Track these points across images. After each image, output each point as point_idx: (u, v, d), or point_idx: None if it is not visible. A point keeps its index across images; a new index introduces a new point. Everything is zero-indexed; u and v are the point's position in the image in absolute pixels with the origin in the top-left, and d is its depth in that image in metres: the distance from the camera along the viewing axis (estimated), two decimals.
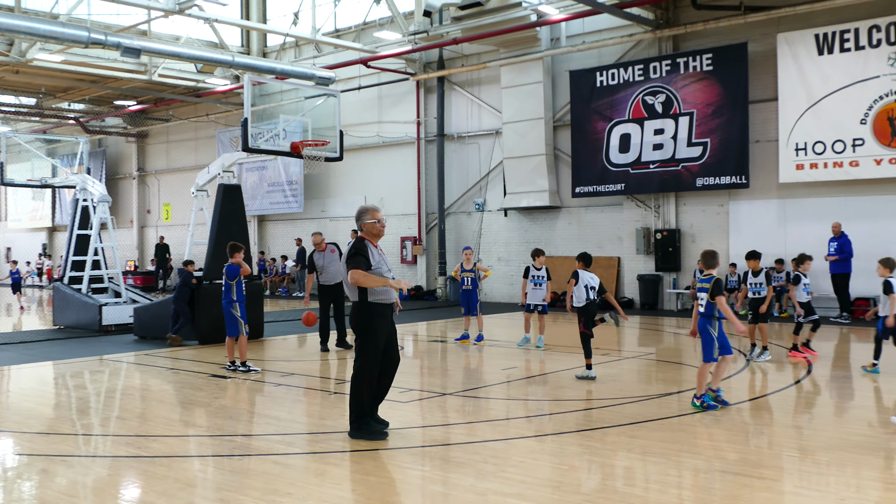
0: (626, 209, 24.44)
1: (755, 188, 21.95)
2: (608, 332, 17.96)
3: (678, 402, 10.21)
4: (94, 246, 20.74)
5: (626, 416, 9.30)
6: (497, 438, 8.39)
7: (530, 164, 25.58)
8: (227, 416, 9.78)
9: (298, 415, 9.92)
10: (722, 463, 7.35)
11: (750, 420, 9.17)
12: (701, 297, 9.70)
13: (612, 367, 13.04)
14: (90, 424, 9.59)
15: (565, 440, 8.31)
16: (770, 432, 8.61)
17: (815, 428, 8.76)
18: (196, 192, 19.22)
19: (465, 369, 13.70)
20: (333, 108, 18.99)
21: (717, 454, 7.67)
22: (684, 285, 23.19)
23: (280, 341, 17.32)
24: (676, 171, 22.80)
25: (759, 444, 8.12)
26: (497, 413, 9.89)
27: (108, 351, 15.91)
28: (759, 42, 21.90)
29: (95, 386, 12.46)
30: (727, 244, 22.52)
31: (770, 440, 8.27)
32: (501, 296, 27.11)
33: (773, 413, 9.55)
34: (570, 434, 8.57)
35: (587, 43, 24.55)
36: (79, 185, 21.64)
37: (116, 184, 41.89)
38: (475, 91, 27.85)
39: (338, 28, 31.13)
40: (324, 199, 32.51)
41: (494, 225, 27.48)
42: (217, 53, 25.90)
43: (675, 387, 11.42)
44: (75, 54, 27.32)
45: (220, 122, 36.04)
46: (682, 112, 22.73)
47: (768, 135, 21.80)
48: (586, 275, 12.13)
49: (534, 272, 15.39)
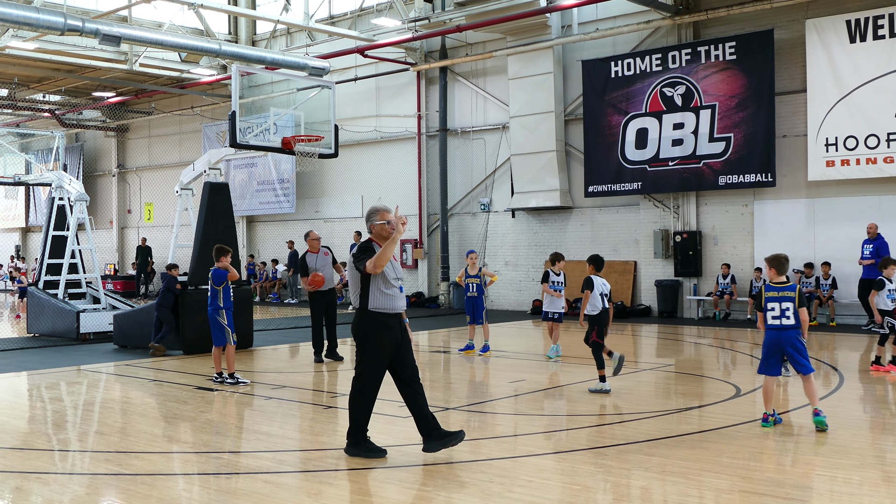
0: (643, 210, 24.44)
1: (782, 187, 21.95)
2: (624, 343, 17.96)
3: (699, 418, 10.21)
4: (71, 248, 20.77)
5: (642, 433, 9.30)
6: (504, 456, 8.38)
7: (540, 161, 25.60)
8: (213, 431, 9.79)
9: (290, 430, 9.93)
10: (746, 483, 7.35)
11: (779, 437, 9.17)
12: (772, 307, 9.37)
13: (628, 379, 13.03)
14: (67, 440, 9.60)
15: (578, 458, 8.30)
16: (798, 449, 8.60)
17: (848, 444, 8.75)
18: (180, 191, 19.24)
19: (469, 382, 13.70)
20: (328, 100, 19.01)
21: (742, 473, 7.66)
22: (706, 292, 23.19)
23: (270, 351, 17.33)
24: (697, 168, 22.80)
25: (784, 462, 8.12)
26: (504, 429, 9.89)
27: (85, 361, 15.93)
28: (787, 29, 21.91)
29: (72, 398, 12.47)
30: (752, 247, 22.51)
31: (796, 458, 8.26)
32: (508, 303, 27.12)
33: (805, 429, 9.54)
34: (583, 452, 8.56)
35: (601, 30, 24.56)
36: (54, 183, 21.68)
37: (95, 181, 41.94)
38: (480, 82, 27.88)
39: (332, 14, 31.18)
40: (317, 198, 32.53)
41: (501, 227, 27.49)
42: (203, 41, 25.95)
43: (695, 401, 11.42)
44: (50, 42, 27.35)
45: (206, 116, 36.08)
46: (703, 105, 22.74)
47: (796, 129, 21.79)
48: (599, 280, 12.20)
49: (553, 277, 15.43)
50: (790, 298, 9.35)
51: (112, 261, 40.33)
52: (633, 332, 20.46)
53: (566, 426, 10.00)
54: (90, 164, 42.44)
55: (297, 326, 21.68)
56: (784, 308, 9.33)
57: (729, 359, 16.00)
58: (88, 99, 37.32)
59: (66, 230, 21.09)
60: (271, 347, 17.87)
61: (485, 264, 27.10)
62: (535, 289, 26.20)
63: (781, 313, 9.34)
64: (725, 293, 22.36)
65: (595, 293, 12.07)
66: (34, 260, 38.99)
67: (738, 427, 9.53)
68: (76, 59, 29.23)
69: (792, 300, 9.34)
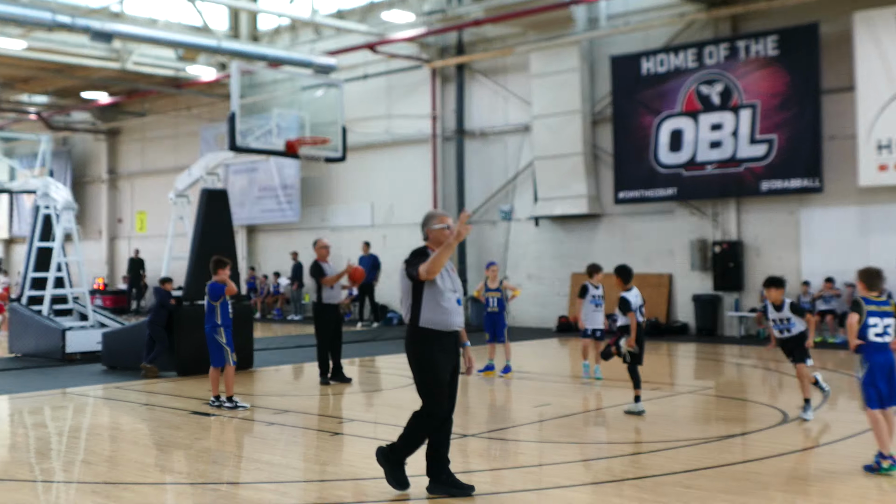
0: (679, 218, 24.34)
1: (830, 193, 21.81)
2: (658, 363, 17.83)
3: (742, 446, 10.10)
4: (58, 260, 20.79)
5: (680, 463, 9.20)
6: (528, 488, 8.32)
7: (565, 165, 25.54)
8: (210, 460, 9.74)
9: (294, 459, 9.87)
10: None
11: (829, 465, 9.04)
12: (874, 324, 8.84)
13: (664, 403, 12.92)
14: (51, 469, 9.56)
15: (609, 490, 8.21)
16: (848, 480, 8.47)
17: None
18: (175, 199, 19.26)
19: (490, 406, 13.63)
20: (335, 100, 19.03)
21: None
22: (748, 307, 23.04)
23: (272, 372, 17.29)
24: (737, 173, 22.70)
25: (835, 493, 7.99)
26: (528, 458, 9.81)
27: (72, 383, 15.90)
28: (833, 22, 21.80)
29: (57, 424, 12.45)
30: (797, 259, 22.37)
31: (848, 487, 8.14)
32: (532, 319, 27.03)
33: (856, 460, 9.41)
34: (615, 483, 8.48)
35: (631, 24, 24.52)
36: (40, 191, 21.73)
37: (83, 188, 42.13)
38: (500, 80, 27.86)
39: (340, 8, 31.25)
40: (323, 206, 32.56)
41: (523, 236, 27.44)
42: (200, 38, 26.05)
43: (738, 427, 11.30)
44: (37, 39, 27.51)
45: (204, 117, 36.20)
46: (743, 104, 22.65)
47: (845, 130, 21.67)
48: (632, 294, 12.09)
49: (593, 291, 15.33)
50: (891, 314, 8.93)
51: (101, 274, 40.44)
52: (668, 351, 20.34)
53: (597, 455, 9.90)
54: (79, 170, 42.64)
55: (300, 345, 21.64)
56: (886, 325, 8.88)
57: (775, 381, 15.86)
58: (77, 100, 37.49)
59: (51, 241, 21.11)
60: (273, 368, 17.83)
61: (506, 277, 26.98)
62: (560, 304, 26.10)
63: (884, 331, 8.86)
64: None
65: (635, 311, 11.99)
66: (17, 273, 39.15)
67: (785, 457, 9.43)
68: (65, 57, 29.39)
69: (892, 315, 8.91)
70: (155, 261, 36.50)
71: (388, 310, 29.35)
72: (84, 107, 37.58)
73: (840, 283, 21.35)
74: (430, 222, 8.31)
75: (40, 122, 39.21)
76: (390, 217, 30.31)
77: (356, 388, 15.17)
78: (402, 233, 29.61)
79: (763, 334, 22.33)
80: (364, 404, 13.99)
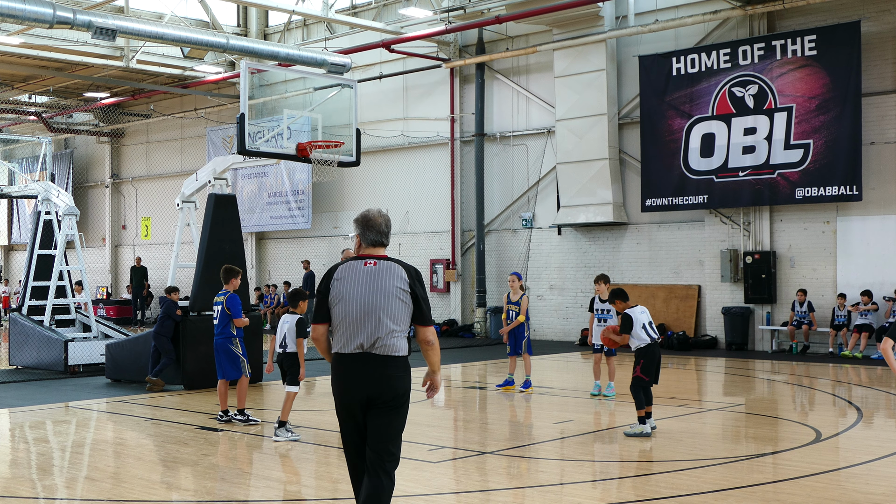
0: (709, 227, 24.35)
1: (870, 201, 21.79)
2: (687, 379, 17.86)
3: (773, 466, 10.15)
4: (59, 269, 20.96)
5: (708, 482, 9.26)
6: None
7: (590, 170, 25.59)
8: (218, 477, 9.86)
9: (306, 476, 9.97)
10: None
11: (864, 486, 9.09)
12: None
13: (692, 420, 12.97)
14: (53, 486, 9.69)
15: None
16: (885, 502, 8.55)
17: None
18: (181, 204, 19.38)
19: (509, 422, 13.70)
20: (349, 101, 19.10)
21: None
22: (780, 321, 23.04)
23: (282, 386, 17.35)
24: (771, 179, 22.70)
25: None
26: (549, 477, 9.88)
27: (74, 397, 16.06)
28: (875, 20, 21.82)
29: (60, 439, 12.58)
30: (834, 270, 22.35)
31: None
32: (554, 332, 27.08)
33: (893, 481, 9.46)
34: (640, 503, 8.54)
35: (660, 22, 24.54)
36: (40, 195, 21.92)
37: (86, 193, 42.38)
38: (522, 81, 27.95)
39: (354, 4, 31.41)
40: (336, 212, 32.69)
41: (545, 245, 27.48)
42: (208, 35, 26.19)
43: (769, 446, 11.35)
44: (38, 36, 27.72)
45: (212, 119, 36.40)
46: (778, 107, 22.66)
47: (886, 135, 21.66)
48: (636, 311, 12.00)
49: (598, 304, 15.38)
50: None
51: (105, 283, 40.67)
52: (696, 366, 20.36)
53: (620, 474, 9.97)
54: (81, 174, 42.88)
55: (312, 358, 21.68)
56: None
57: (807, 398, 15.89)
58: (80, 100, 37.72)
59: (53, 248, 21.28)
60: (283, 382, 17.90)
61: (527, 288, 27.03)
62: (583, 316, 26.07)
63: None
64: (803, 323, 22.19)
65: (636, 328, 11.86)
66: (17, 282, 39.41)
67: (818, 476, 9.47)
68: (66, 55, 29.58)
69: None
70: (160, 269, 36.67)
71: None
72: (87, 107, 37.76)
73: (878, 297, 21.34)
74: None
75: (41, 123, 39.39)
76: (406, 224, 30.40)
77: None
78: (419, 240, 29.71)
79: (796, 350, 22.34)
80: None
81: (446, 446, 11.33)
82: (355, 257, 6.78)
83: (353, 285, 6.61)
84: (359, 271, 6.64)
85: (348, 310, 6.57)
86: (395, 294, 6.57)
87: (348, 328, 6.57)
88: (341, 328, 6.60)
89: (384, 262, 6.64)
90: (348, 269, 6.66)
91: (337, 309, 6.61)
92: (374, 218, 6.76)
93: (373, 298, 6.56)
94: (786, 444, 11.40)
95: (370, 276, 6.62)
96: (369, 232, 6.76)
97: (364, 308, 6.55)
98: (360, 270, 6.64)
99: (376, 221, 6.77)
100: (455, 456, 10.79)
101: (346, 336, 6.58)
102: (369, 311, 6.54)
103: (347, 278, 6.63)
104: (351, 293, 6.59)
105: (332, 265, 6.84)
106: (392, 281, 6.59)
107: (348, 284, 6.62)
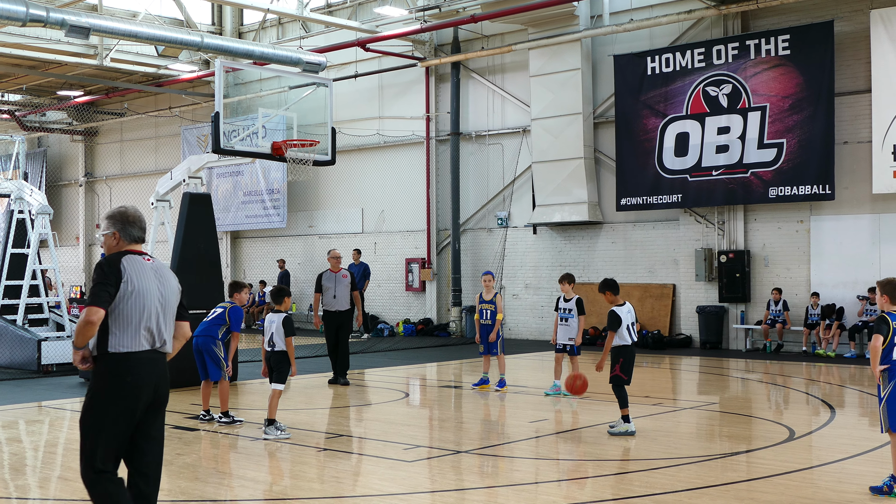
0: (684, 226, 24.44)
1: (842, 200, 21.92)
2: (661, 377, 17.92)
3: (747, 464, 10.19)
4: (32, 268, 20.85)
5: (682, 481, 9.30)
6: None
7: (565, 169, 25.64)
8: (192, 476, 9.82)
9: (280, 476, 9.93)
10: None
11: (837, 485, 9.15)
12: None
13: (666, 419, 13.02)
14: (26, 486, 9.64)
15: None
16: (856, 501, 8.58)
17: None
18: (156, 203, 19.31)
19: (483, 421, 13.70)
20: (324, 100, 19.07)
21: None
22: (754, 320, 23.15)
23: (258, 385, 17.35)
24: (745, 178, 22.80)
25: None
26: (523, 475, 9.90)
27: (48, 396, 15.96)
28: (848, 20, 21.94)
29: (33, 439, 12.51)
30: (807, 270, 22.47)
31: None
32: (529, 331, 27.12)
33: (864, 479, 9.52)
34: (615, 502, 8.56)
35: (635, 21, 24.61)
36: (13, 194, 21.78)
37: (59, 192, 42.16)
38: (498, 80, 27.98)
39: (329, 3, 31.36)
40: (311, 211, 32.62)
41: (520, 244, 27.52)
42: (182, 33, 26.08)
43: (743, 445, 11.41)
44: (10, 33, 27.55)
45: (186, 118, 36.27)
46: (752, 106, 22.76)
47: (859, 135, 21.79)
48: (623, 310, 11.93)
49: (562, 304, 15.42)
50: None
51: (78, 282, 40.44)
52: (671, 364, 20.43)
53: (595, 472, 9.99)
54: (54, 173, 42.64)
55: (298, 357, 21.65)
56: None
57: (781, 397, 15.97)
58: (53, 98, 37.55)
59: (26, 247, 21.17)
60: (258, 381, 17.87)
61: (502, 287, 27.10)
62: None
63: None
64: (777, 322, 22.31)
65: (622, 328, 11.83)
66: None
67: (791, 475, 9.52)
68: (40, 53, 29.41)
69: None
70: None
71: (378, 321, 29.46)
72: (60, 106, 37.57)
73: (851, 296, 21.46)
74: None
75: (13, 121, 39.20)
76: (381, 223, 30.39)
77: (344, 402, 15.27)
78: (394, 240, 29.68)
79: (770, 349, 22.47)
80: (353, 419, 14.08)
81: (421, 445, 11.32)
82: (127, 252, 6.60)
83: (146, 281, 6.56)
84: (146, 267, 6.60)
85: (148, 305, 6.60)
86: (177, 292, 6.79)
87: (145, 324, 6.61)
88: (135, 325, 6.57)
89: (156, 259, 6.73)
90: (134, 263, 6.55)
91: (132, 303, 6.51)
92: (133, 214, 6.67)
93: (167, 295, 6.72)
94: (760, 442, 11.45)
95: (156, 272, 6.66)
96: (132, 228, 6.64)
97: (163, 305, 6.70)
98: (146, 266, 6.60)
99: (137, 217, 6.70)
100: (430, 455, 10.78)
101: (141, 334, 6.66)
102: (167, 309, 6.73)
103: (139, 273, 6.54)
104: (147, 289, 6.56)
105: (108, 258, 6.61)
106: (172, 279, 6.81)
107: (142, 280, 6.55)
